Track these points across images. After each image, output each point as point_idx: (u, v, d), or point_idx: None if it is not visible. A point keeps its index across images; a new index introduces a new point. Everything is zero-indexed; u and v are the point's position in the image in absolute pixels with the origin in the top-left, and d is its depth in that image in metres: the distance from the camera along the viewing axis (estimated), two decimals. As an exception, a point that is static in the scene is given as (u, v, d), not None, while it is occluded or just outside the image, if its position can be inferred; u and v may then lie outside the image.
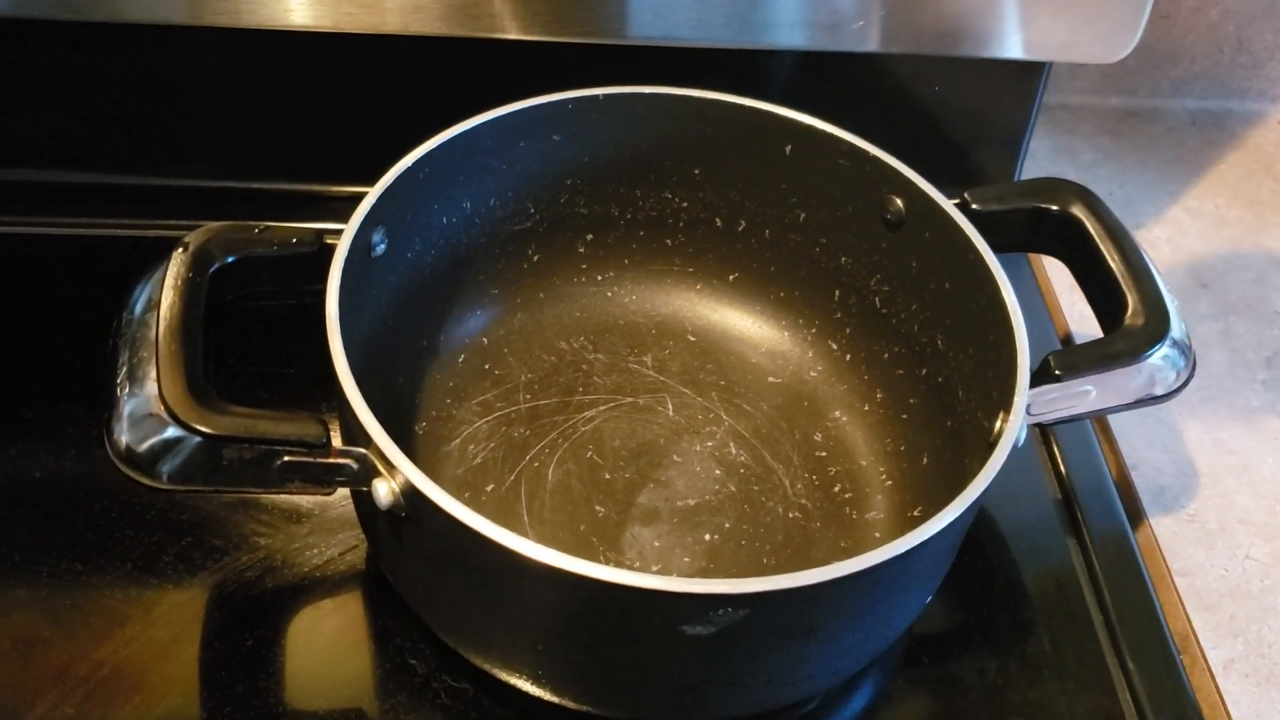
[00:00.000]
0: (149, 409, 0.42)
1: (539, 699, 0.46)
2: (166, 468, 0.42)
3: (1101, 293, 0.52)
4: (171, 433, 0.42)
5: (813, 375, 0.60)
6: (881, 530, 0.53)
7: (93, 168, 0.67)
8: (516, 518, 0.52)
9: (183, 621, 0.50)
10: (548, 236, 0.60)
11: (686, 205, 0.60)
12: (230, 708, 0.47)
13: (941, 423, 0.53)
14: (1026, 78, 0.67)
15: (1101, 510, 0.57)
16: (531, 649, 0.44)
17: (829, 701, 0.50)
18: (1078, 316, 0.68)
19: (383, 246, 0.51)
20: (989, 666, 0.51)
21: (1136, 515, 0.59)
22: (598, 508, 0.53)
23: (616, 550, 0.52)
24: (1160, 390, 0.50)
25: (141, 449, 0.42)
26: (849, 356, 0.59)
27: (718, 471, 0.55)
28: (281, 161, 0.67)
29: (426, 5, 0.59)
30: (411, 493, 0.41)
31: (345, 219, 0.49)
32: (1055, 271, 0.70)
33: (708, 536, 0.52)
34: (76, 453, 0.55)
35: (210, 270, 0.47)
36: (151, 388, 0.42)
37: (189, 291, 0.45)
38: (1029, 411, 0.46)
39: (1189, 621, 0.54)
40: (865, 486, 0.55)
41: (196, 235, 0.48)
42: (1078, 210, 0.54)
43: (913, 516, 0.52)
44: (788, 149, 0.56)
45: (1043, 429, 0.60)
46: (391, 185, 0.50)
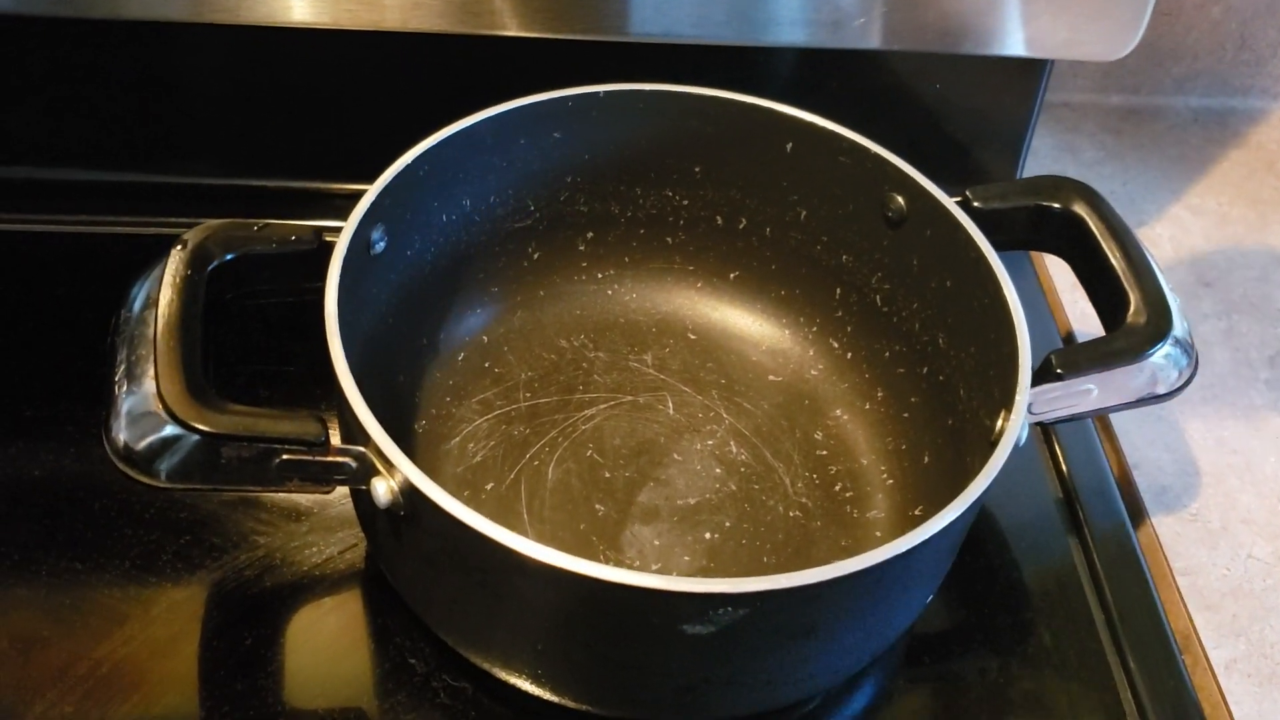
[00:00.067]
0: (147, 407, 0.42)
1: (539, 698, 0.46)
2: (165, 466, 0.42)
3: (1103, 291, 0.52)
4: (170, 431, 0.42)
5: (813, 373, 0.59)
6: (882, 529, 0.53)
7: (92, 165, 0.67)
8: (516, 516, 0.52)
9: (182, 620, 0.50)
10: (548, 234, 0.60)
11: (687, 203, 0.60)
12: (229, 706, 0.47)
13: (943, 421, 0.53)
14: (1028, 75, 0.67)
15: (1103, 509, 0.57)
16: (531, 648, 0.44)
17: (830, 701, 0.50)
18: (1079, 315, 0.68)
19: (382, 244, 0.51)
20: (990, 666, 0.51)
21: (1138, 514, 0.58)
22: (598, 506, 0.53)
23: (616, 549, 0.51)
24: (1162, 389, 0.50)
25: (140, 447, 0.42)
26: (850, 355, 0.59)
27: (718, 470, 0.55)
28: (280, 159, 0.67)
29: (426, 2, 0.59)
30: (410, 491, 0.40)
31: (344, 217, 0.49)
32: (1057, 269, 0.70)
33: (708, 535, 0.52)
34: (75, 451, 0.55)
35: (209, 268, 0.47)
36: (150, 386, 0.42)
37: (187, 289, 0.45)
38: (1030, 410, 0.46)
39: (1191, 621, 0.54)
40: (866, 485, 0.55)
41: (195, 233, 0.48)
42: (1080, 208, 0.53)
43: (914, 515, 0.52)
44: (789, 146, 0.56)
45: (1044, 428, 0.60)
46: (391, 183, 0.50)
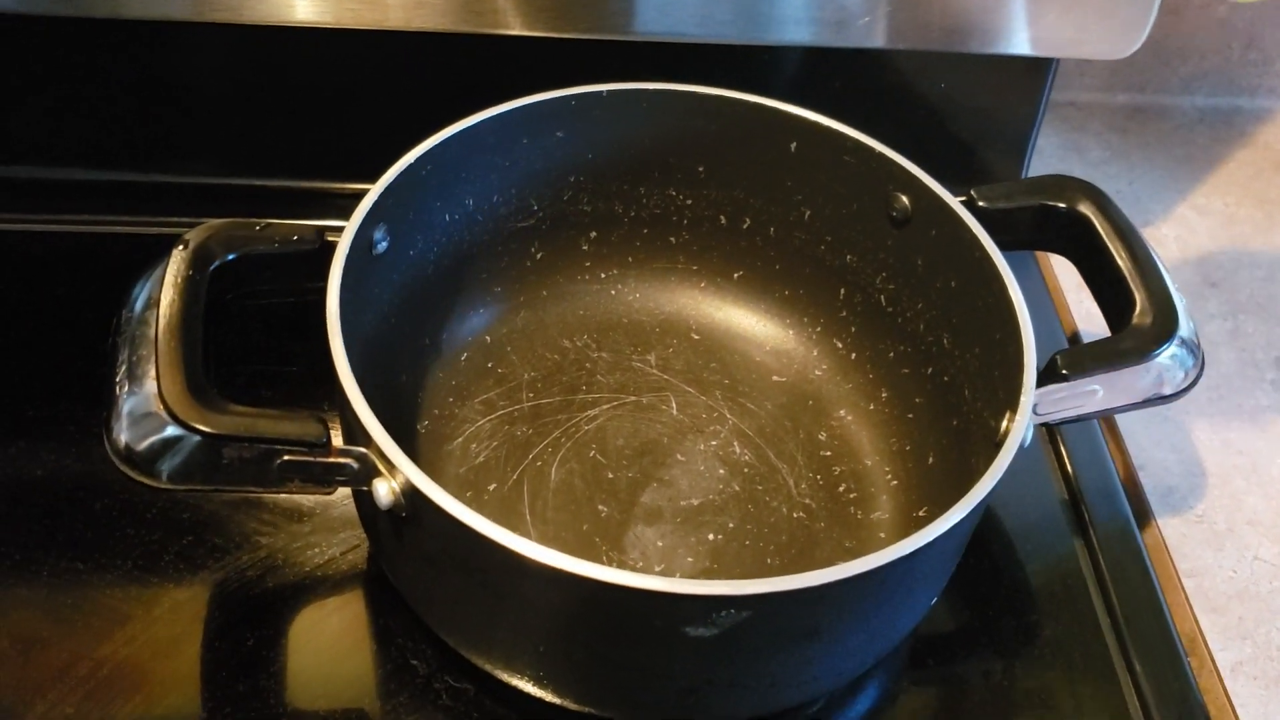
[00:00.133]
0: (148, 407, 0.42)
1: (541, 700, 0.46)
2: (166, 467, 0.42)
3: (1109, 291, 0.52)
4: (171, 431, 0.42)
5: (817, 374, 0.59)
6: (887, 531, 0.53)
7: (93, 165, 0.67)
8: (519, 517, 0.52)
9: (184, 621, 0.50)
10: (551, 234, 0.59)
11: (691, 203, 0.60)
12: (231, 707, 0.47)
13: (947, 422, 0.52)
14: (1034, 74, 0.66)
15: (1108, 511, 0.57)
16: (533, 650, 0.44)
17: (833, 703, 0.50)
18: (1085, 315, 0.67)
19: (384, 244, 0.51)
20: (994, 668, 0.51)
21: (1144, 516, 0.58)
22: (601, 507, 0.53)
23: (619, 550, 0.51)
24: (1168, 390, 0.50)
25: (141, 448, 0.42)
26: (854, 355, 0.59)
27: (721, 471, 0.55)
28: (283, 158, 0.67)
29: (429, 1, 0.58)
30: (412, 493, 0.40)
31: (347, 216, 0.48)
32: (1062, 269, 0.69)
33: (711, 536, 0.52)
34: (77, 451, 0.55)
35: (211, 268, 0.47)
36: (151, 386, 0.42)
37: (189, 289, 0.45)
38: (1035, 411, 0.46)
39: (1197, 623, 0.54)
40: (870, 486, 0.55)
41: (197, 233, 0.48)
42: (1085, 208, 0.53)
43: (918, 517, 0.52)
44: (793, 146, 0.56)
45: (1049, 428, 0.60)
46: (393, 182, 0.50)
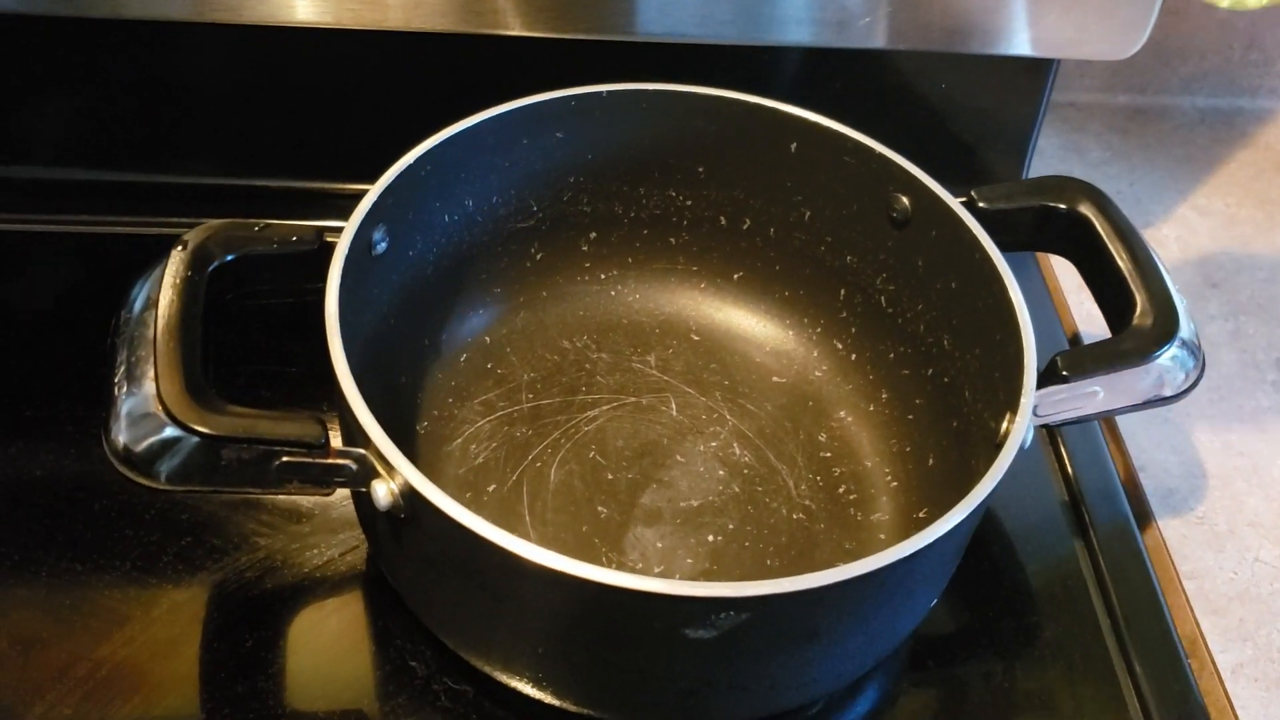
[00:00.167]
0: (147, 408, 0.42)
1: (540, 702, 0.46)
2: (164, 468, 0.42)
3: (1110, 292, 0.52)
4: (169, 432, 0.42)
5: (817, 375, 0.59)
6: (886, 532, 0.53)
7: (93, 165, 0.67)
8: (518, 518, 0.52)
9: (182, 622, 0.49)
10: (551, 235, 0.59)
11: (690, 203, 0.60)
12: (230, 709, 0.47)
13: (947, 423, 0.52)
14: (1034, 75, 0.66)
15: (1109, 512, 0.57)
16: (532, 651, 0.44)
17: (833, 705, 0.49)
18: (1085, 316, 0.67)
19: (384, 244, 0.51)
20: (994, 670, 0.51)
21: (1144, 517, 0.58)
22: (600, 508, 0.53)
23: (619, 551, 0.51)
24: (1169, 391, 0.50)
25: (139, 449, 0.42)
26: (854, 356, 0.59)
27: (721, 472, 0.55)
28: (282, 159, 0.67)
29: (429, 1, 0.58)
30: (410, 494, 0.40)
31: (346, 217, 0.48)
32: (1063, 270, 0.69)
33: (711, 538, 0.52)
34: (76, 452, 0.55)
35: (209, 268, 0.47)
36: (149, 387, 0.42)
37: (188, 290, 0.45)
38: (1036, 413, 0.46)
39: (1197, 625, 0.54)
40: (870, 488, 0.55)
41: (196, 233, 0.47)
42: (1086, 209, 0.53)
43: (918, 518, 0.52)
44: (793, 146, 0.56)
45: (1050, 430, 0.60)
46: (393, 183, 0.50)
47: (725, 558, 0.51)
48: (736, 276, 0.61)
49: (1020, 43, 0.62)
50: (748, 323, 0.61)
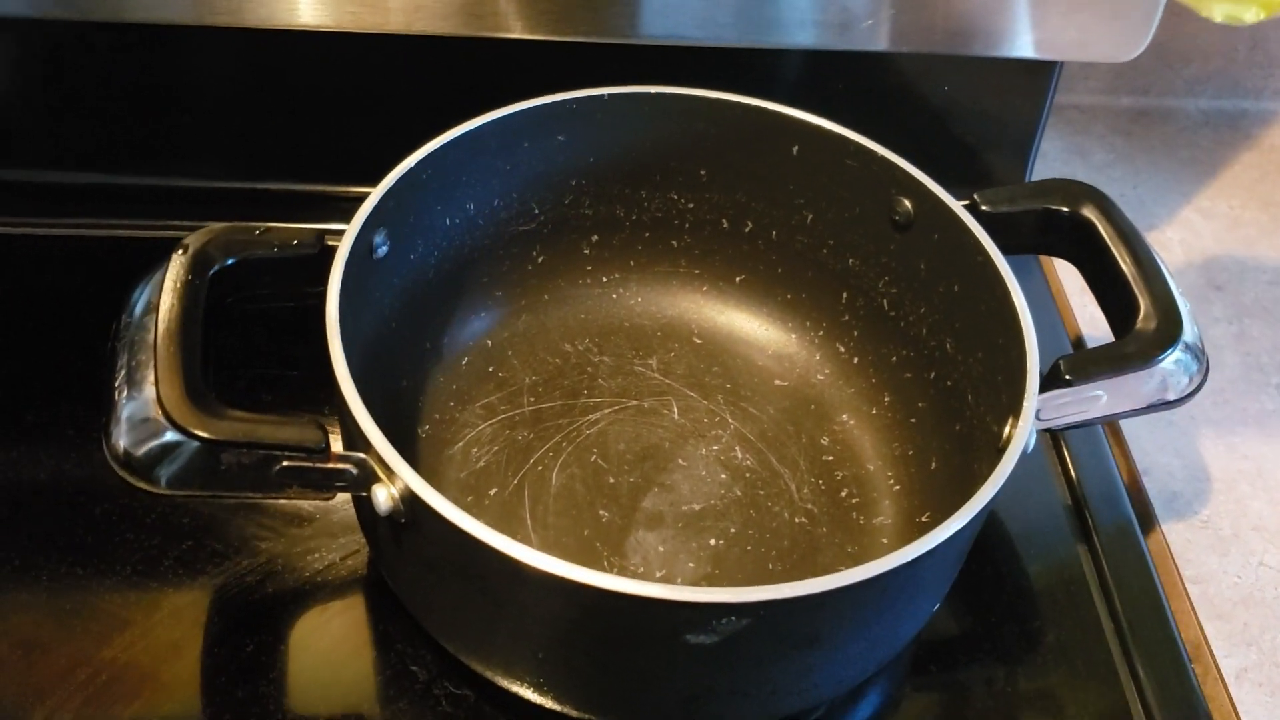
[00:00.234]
0: (147, 413, 0.42)
1: (541, 707, 0.45)
2: (164, 472, 0.42)
3: (1113, 295, 0.52)
4: (169, 437, 0.42)
5: (820, 378, 0.59)
6: (889, 536, 0.53)
7: (93, 168, 0.67)
8: (519, 522, 0.52)
9: (183, 626, 0.49)
10: (552, 238, 0.59)
11: (692, 206, 0.60)
12: (230, 713, 0.47)
13: (950, 427, 0.52)
14: (1037, 77, 0.66)
15: (1112, 516, 0.57)
16: (533, 656, 0.44)
17: (835, 710, 0.49)
18: (1089, 319, 0.67)
19: (385, 248, 0.51)
20: (997, 675, 0.51)
21: (1148, 521, 0.58)
22: (602, 512, 0.53)
23: (620, 555, 0.51)
24: (1173, 395, 0.50)
25: (139, 453, 0.42)
26: (856, 359, 0.58)
27: (723, 476, 0.55)
28: (283, 162, 0.67)
29: (430, 4, 0.58)
30: (411, 498, 0.40)
31: (347, 220, 0.48)
32: (1066, 274, 0.69)
33: (713, 541, 0.52)
34: (77, 455, 0.55)
35: (210, 272, 0.47)
36: (150, 391, 0.42)
37: (188, 294, 0.45)
38: (1039, 416, 0.46)
39: (1201, 630, 0.54)
40: (873, 491, 0.54)
41: (196, 237, 0.47)
42: (1089, 212, 0.53)
43: (921, 522, 0.52)
44: (795, 149, 0.56)
45: (1053, 434, 0.60)
46: (394, 186, 0.50)
47: (727, 561, 0.51)
48: (738, 279, 0.61)
49: (1023, 45, 0.62)
50: (750, 326, 0.61)
